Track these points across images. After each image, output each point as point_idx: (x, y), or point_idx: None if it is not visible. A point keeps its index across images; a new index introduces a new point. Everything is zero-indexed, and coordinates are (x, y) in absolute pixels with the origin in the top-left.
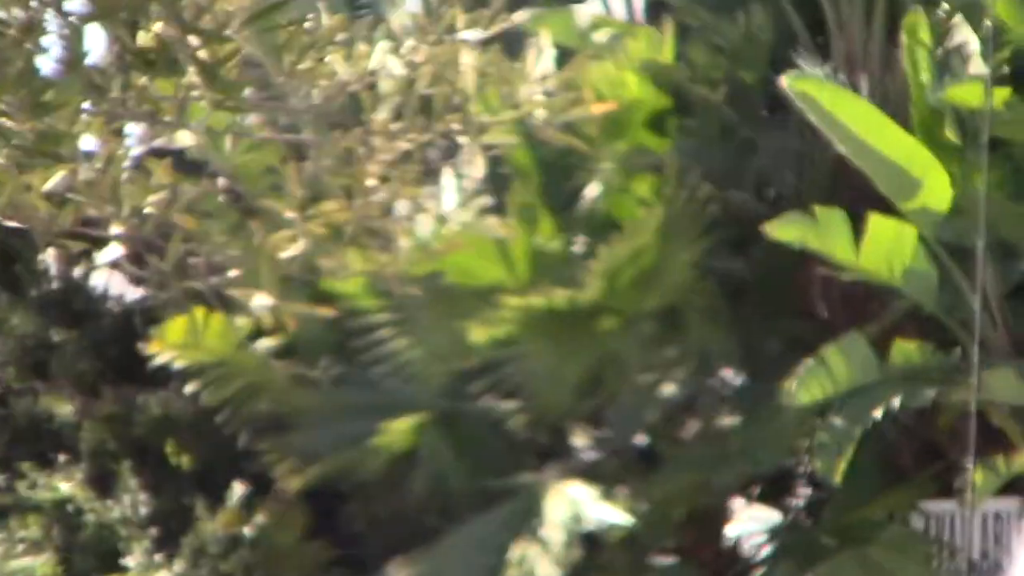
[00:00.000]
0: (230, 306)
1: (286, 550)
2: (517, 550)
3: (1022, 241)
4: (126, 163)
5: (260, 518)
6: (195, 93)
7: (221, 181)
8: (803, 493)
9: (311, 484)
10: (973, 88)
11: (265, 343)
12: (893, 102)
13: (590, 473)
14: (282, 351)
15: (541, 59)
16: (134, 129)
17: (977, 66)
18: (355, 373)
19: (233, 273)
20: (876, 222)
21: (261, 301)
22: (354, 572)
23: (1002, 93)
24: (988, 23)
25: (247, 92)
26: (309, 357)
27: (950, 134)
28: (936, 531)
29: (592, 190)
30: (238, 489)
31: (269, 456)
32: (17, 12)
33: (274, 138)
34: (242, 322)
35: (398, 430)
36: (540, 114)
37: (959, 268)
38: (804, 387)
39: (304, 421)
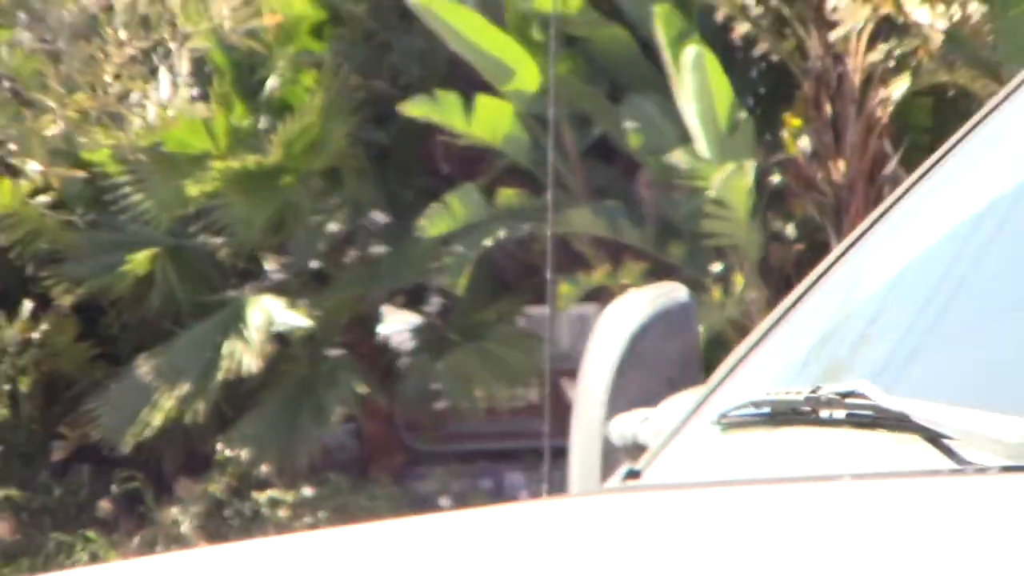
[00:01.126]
0: (15, 172)
1: (64, 349)
2: (228, 347)
3: (593, 112)
4: None
5: (44, 326)
6: None
7: (4, 82)
8: (436, 302)
9: (79, 301)
10: None
11: (42, 198)
12: (492, 10)
13: (279, 289)
14: (54, 204)
15: None
16: None
17: None
18: (107, 220)
19: (13, 147)
20: (482, 100)
21: (34, 167)
22: (112, 364)
23: (576, 1)
24: None
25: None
26: (73, 208)
27: (536, 33)
28: (535, 330)
29: (272, 82)
30: (27, 305)
31: (48, 281)
32: None
33: (40, 47)
34: (25, 184)
35: (139, 260)
36: (228, 24)
37: (545, 134)
38: (433, 224)
39: (72, 255)
